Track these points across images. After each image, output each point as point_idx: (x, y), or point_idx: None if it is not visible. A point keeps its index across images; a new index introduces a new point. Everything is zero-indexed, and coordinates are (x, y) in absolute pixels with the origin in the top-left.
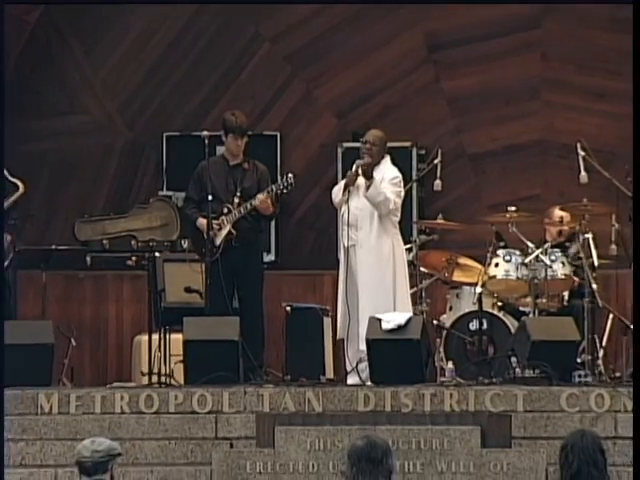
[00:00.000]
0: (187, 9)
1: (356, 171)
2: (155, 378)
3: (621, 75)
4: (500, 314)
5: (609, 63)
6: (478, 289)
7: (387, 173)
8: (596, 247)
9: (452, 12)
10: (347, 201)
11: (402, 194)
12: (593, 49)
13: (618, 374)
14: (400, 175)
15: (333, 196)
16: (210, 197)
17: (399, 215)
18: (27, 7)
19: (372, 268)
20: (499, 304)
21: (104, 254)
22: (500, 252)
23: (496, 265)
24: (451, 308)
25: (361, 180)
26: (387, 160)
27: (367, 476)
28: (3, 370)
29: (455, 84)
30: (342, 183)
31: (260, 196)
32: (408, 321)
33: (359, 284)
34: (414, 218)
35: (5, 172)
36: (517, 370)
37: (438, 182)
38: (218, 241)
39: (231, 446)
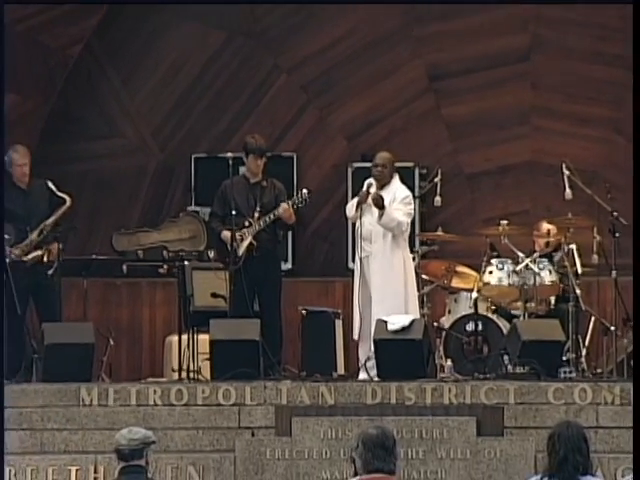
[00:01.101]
0: (214, 43)
1: (367, 190)
2: (184, 374)
3: (603, 102)
4: (494, 317)
5: (592, 92)
6: (474, 294)
7: (398, 193)
8: (579, 257)
9: (451, 46)
10: (360, 217)
11: (412, 211)
12: (578, 79)
13: (599, 370)
14: (410, 194)
15: (347, 212)
16: (233, 212)
17: (409, 230)
18: (70, 41)
19: (385, 277)
20: (493, 308)
21: (139, 263)
22: (493, 261)
23: (490, 273)
24: (450, 311)
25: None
26: (396, 179)
27: (381, 461)
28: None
29: (453, 110)
30: (355, 201)
31: (284, 205)
32: (411, 323)
33: (373, 292)
34: (416, 231)
35: (53, 187)
36: (509, 367)
37: (438, 198)
38: (240, 251)
39: (252, 435)
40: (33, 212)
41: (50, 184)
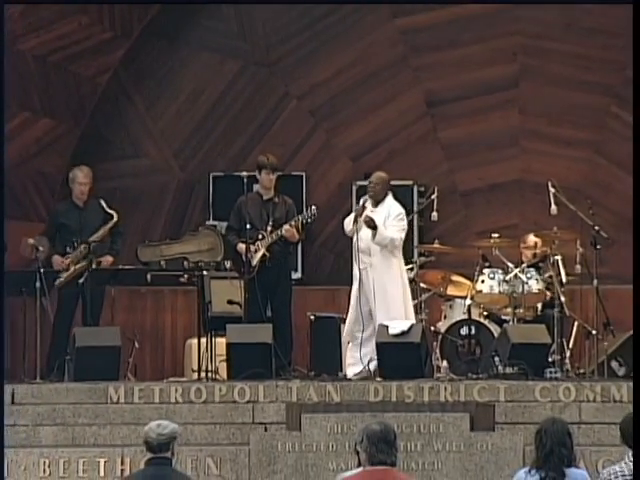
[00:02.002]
0: (230, 72)
1: (363, 205)
2: (203, 374)
3: (585, 126)
4: (486, 322)
5: (575, 117)
6: (467, 301)
7: (392, 209)
8: (564, 267)
9: (446, 74)
10: (358, 231)
11: (406, 227)
12: (562, 105)
13: (582, 371)
14: (403, 210)
15: (345, 227)
16: (248, 226)
17: (402, 242)
18: (99, 71)
19: (385, 287)
20: (485, 313)
21: (162, 273)
22: (485, 271)
23: (482, 282)
24: (445, 317)
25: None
26: (390, 197)
27: (384, 454)
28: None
29: (449, 133)
30: (352, 216)
31: (286, 226)
32: (410, 327)
33: (376, 300)
34: (415, 243)
35: (104, 204)
36: (499, 368)
37: (435, 214)
38: (254, 262)
39: (265, 430)
40: (86, 227)
41: (102, 202)
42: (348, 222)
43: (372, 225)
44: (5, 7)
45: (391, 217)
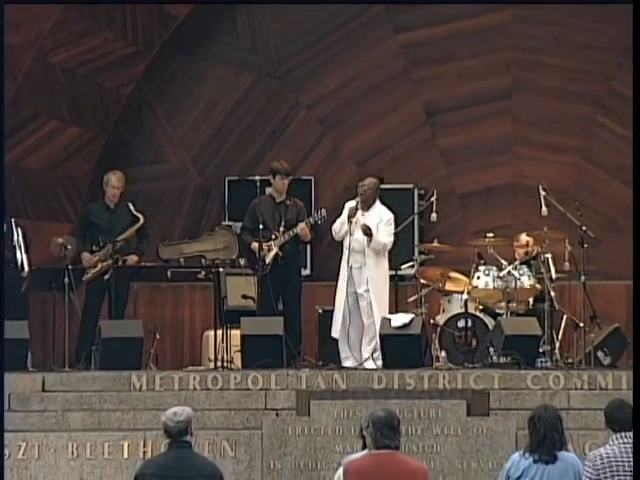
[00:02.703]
0: (244, 84)
1: (356, 206)
2: (219, 363)
3: (573, 134)
4: (481, 315)
5: (564, 125)
6: (464, 296)
7: (383, 215)
8: (554, 264)
9: (445, 86)
10: (351, 232)
11: (393, 231)
12: (552, 114)
13: (570, 360)
14: (393, 216)
15: (337, 230)
16: (261, 226)
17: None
18: (123, 83)
19: (377, 285)
20: (480, 307)
21: (181, 269)
22: (481, 268)
23: (478, 278)
24: (444, 310)
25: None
26: (378, 202)
27: (389, 439)
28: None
29: (447, 141)
30: (344, 217)
31: (301, 225)
32: (411, 320)
33: (372, 297)
34: (416, 242)
35: (131, 207)
36: (494, 357)
37: (434, 215)
38: (267, 260)
39: (277, 415)
40: (114, 227)
41: (130, 205)
42: (340, 226)
43: (369, 233)
44: (32, 23)
45: (383, 222)
